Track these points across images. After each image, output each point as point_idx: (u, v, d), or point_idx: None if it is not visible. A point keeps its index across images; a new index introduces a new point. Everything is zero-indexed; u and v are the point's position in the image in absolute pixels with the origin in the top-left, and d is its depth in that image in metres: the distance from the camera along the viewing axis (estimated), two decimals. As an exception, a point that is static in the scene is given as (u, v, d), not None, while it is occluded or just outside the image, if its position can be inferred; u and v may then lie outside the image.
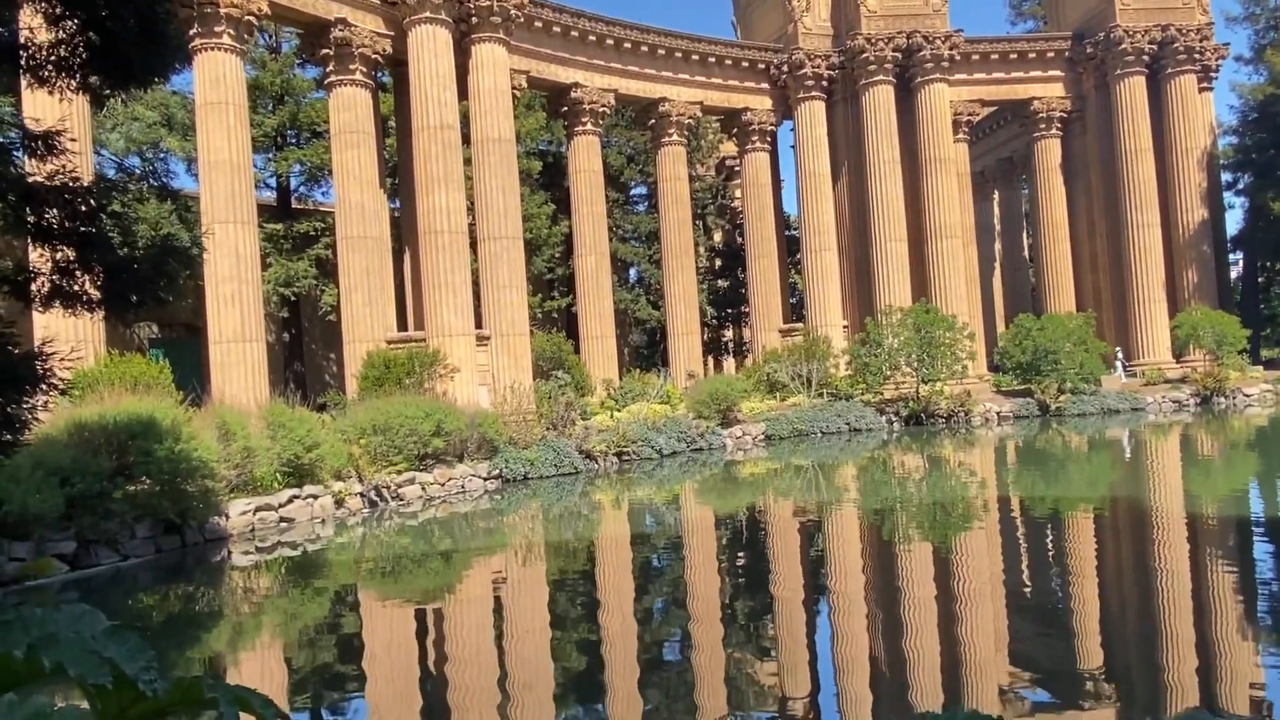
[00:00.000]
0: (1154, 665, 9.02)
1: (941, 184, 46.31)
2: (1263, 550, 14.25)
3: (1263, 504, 18.99)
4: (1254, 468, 24.48)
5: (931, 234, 46.33)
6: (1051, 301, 50.00)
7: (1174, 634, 9.88)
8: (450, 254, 33.08)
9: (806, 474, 27.50)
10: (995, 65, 50.07)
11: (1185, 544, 15.08)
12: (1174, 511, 18.70)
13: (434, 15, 33.33)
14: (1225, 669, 8.72)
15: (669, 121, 45.60)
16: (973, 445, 33.22)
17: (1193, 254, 47.50)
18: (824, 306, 47.00)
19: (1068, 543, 15.79)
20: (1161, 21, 47.35)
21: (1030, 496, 20.88)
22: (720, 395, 35.65)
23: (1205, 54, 48.21)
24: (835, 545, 17.02)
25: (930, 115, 46.50)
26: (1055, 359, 39.80)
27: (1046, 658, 9.30)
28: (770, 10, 49.84)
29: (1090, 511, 18.68)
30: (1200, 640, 9.52)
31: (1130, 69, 47.54)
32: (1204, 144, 48.43)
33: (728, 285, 59.11)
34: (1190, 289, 47.13)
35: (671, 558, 16.54)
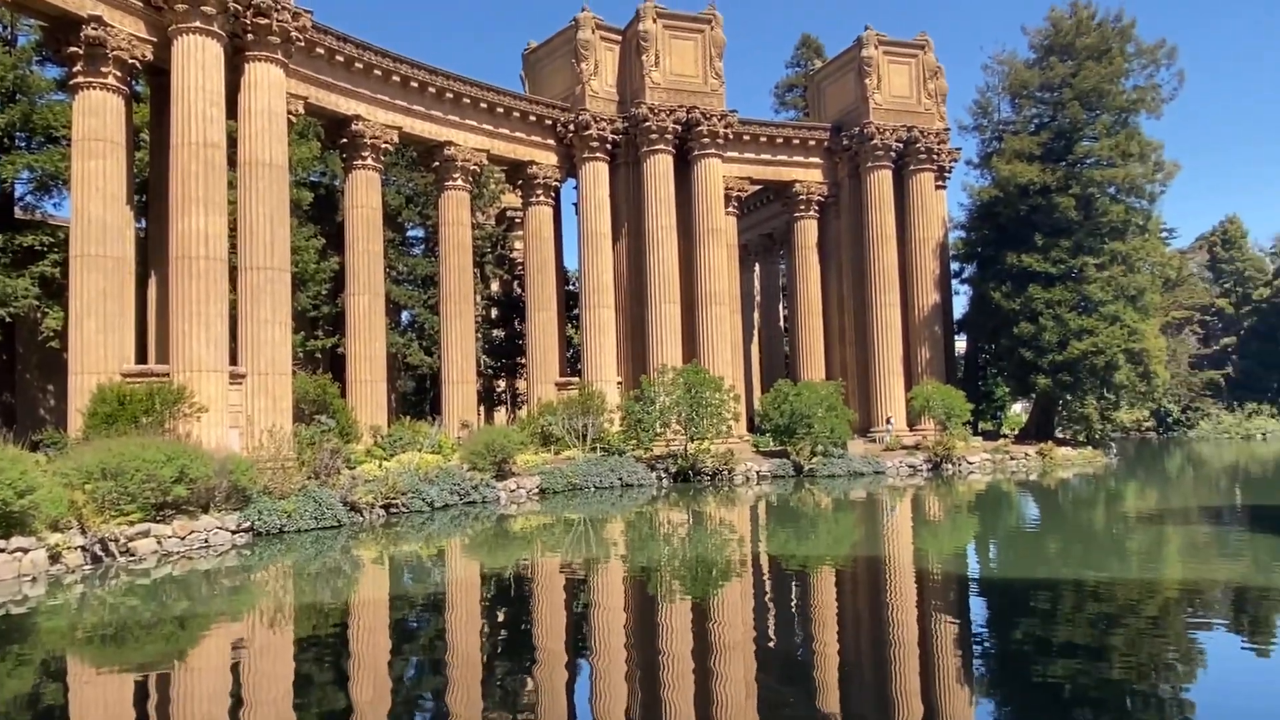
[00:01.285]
0: (885, 714, 9.62)
1: (713, 253, 48.84)
2: (978, 605, 15.79)
3: (978, 563, 21.11)
4: (974, 529, 27.19)
5: (703, 300, 48.59)
6: (804, 370, 53.69)
7: (903, 682, 10.65)
8: (206, 282, 30.59)
9: (578, 529, 27.51)
10: (764, 147, 53.87)
11: (914, 598, 16.43)
12: (906, 568, 20.33)
13: (205, 26, 31.20)
14: (946, 713, 9.47)
15: (454, 166, 45.16)
16: (734, 503, 34.69)
17: (927, 333, 52.82)
18: (600, 362, 47.82)
19: (813, 597, 16.71)
20: (907, 123, 53.00)
21: (783, 554, 21.99)
22: (496, 446, 35.09)
23: (942, 156, 54.39)
24: (600, 601, 17.02)
25: (705, 188, 49.11)
26: (809, 423, 42.60)
27: (790, 708, 9.69)
28: (559, 70, 50.98)
29: (835, 568, 19.91)
30: (924, 688, 10.32)
31: (879, 163, 52.71)
32: (938, 235, 54.35)
33: (504, 335, 58.83)
34: (924, 365, 52.27)
35: (433, 618, 15.86)
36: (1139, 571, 18.31)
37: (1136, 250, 50.48)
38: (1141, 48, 50.85)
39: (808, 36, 78.47)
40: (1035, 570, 18.79)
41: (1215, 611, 14.64)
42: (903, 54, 54.55)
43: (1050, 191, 49.20)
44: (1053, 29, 51.89)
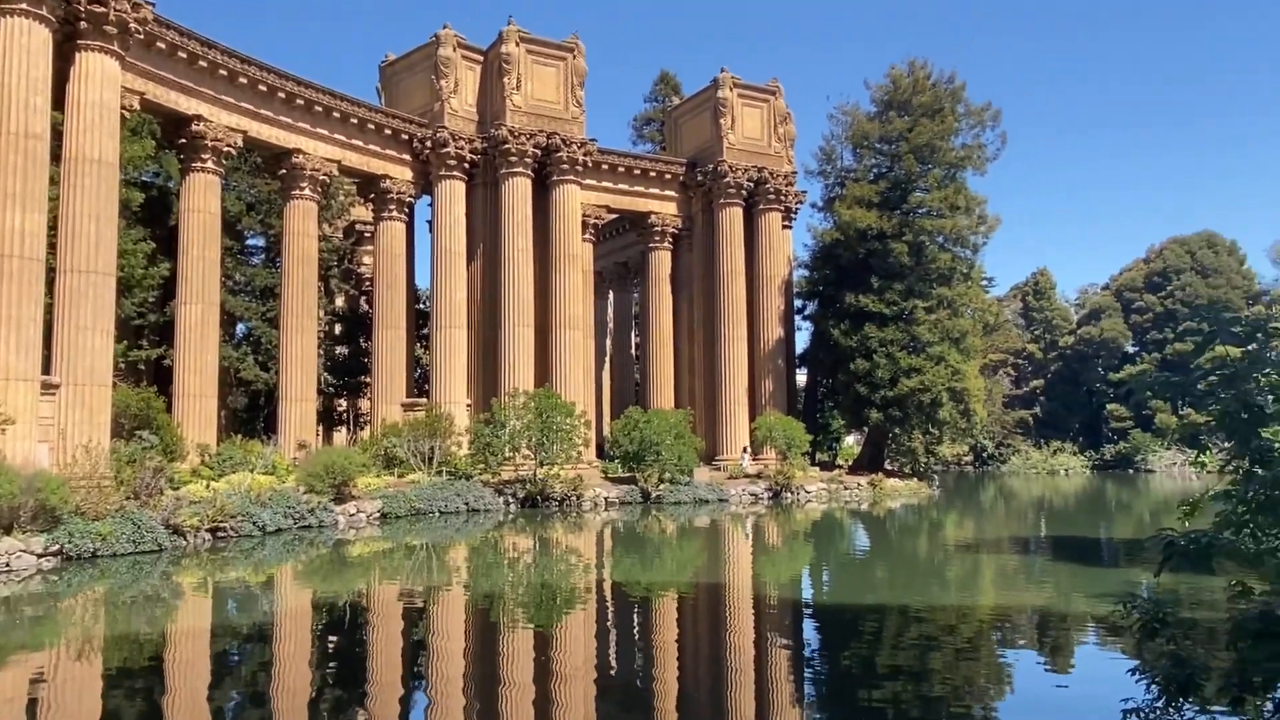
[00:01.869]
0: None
1: (569, 279, 49.05)
2: (811, 629, 16.46)
3: (813, 589, 22.00)
4: (810, 556, 28.30)
5: (557, 324, 48.66)
6: (654, 397, 54.56)
7: (738, 707, 10.96)
8: (19, 283, 28.09)
9: (419, 555, 26.81)
10: (622, 177, 54.74)
11: (752, 624, 16.94)
12: (745, 594, 20.94)
13: (33, 9, 28.86)
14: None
15: (303, 175, 43.54)
16: (582, 529, 34.71)
17: (771, 366, 54.79)
18: (450, 384, 46.97)
19: (655, 624, 16.94)
20: (758, 164, 55.13)
21: (628, 581, 22.18)
22: (336, 468, 33.72)
23: (789, 197, 56.85)
24: (439, 629, 16.65)
25: (563, 213, 49.36)
26: (658, 450, 43.25)
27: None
28: (418, 85, 50.16)
29: (677, 594, 20.26)
30: (758, 712, 10.66)
31: (732, 200, 54.54)
32: (784, 273, 56.64)
33: (349, 353, 56.87)
34: (767, 396, 54.14)
35: (259, 648, 15.07)
36: (956, 597, 19.55)
37: (961, 296, 54.29)
38: (970, 109, 55.04)
39: (666, 73, 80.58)
40: (864, 596, 19.76)
41: (1021, 635, 15.83)
42: (756, 98, 56.82)
43: (886, 237, 52.28)
44: (892, 86, 55.38)
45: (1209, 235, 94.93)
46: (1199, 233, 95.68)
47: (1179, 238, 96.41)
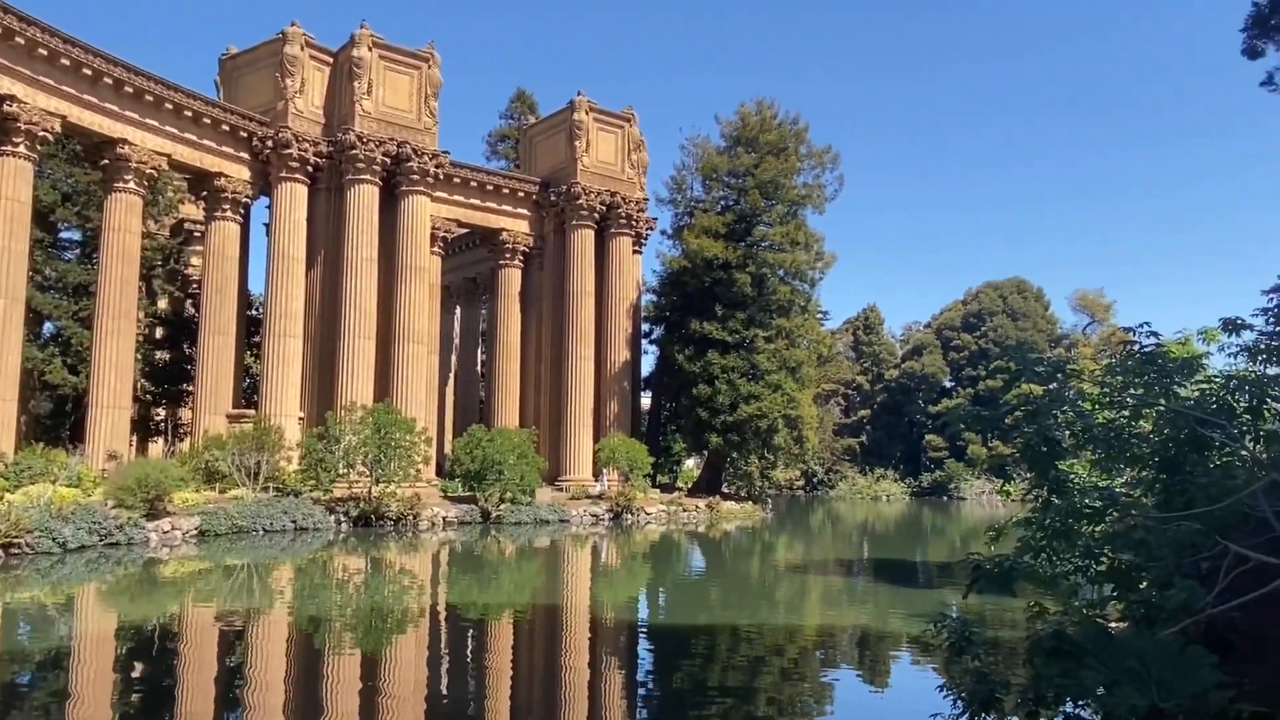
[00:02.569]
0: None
1: (415, 291, 47.93)
2: (646, 650, 16.64)
3: (648, 610, 22.27)
4: (647, 578, 28.63)
5: (400, 337, 47.38)
6: (499, 416, 53.96)
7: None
8: None
9: (239, 576, 25.32)
10: (474, 192, 54.16)
11: (588, 645, 16.96)
12: (582, 616, 20.94)
13: None
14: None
15: (128, 167, 40.68)
16: (417, 549, 33.77)
17: (617, 388, 55.33)
18: (281, 395, 44.81)
19: (490, 646, 16.69)
20: (612, 188, 55.84)
21: (463, 602, 21.74)
22: (150, 482, 31.38)
23: (640, 223, 57.83)
24: (257, 656, 15.77)
25: (411, 224, 48.26)
26: (501, 470, 42.70)
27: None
28: (261, 82, 47.95)
29: (514, 616, 20.04)
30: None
31: (584, 222, 54.92)
32: (633, 297, 57.46)
33: (170, 359, 53.31)
34: (612, 418, 54.60)
35: (53, 677, 13.79)
36: (784, 617, 20.27)
37: (798, 327, 56.70)
38: (812, 150, 57.81)
39: (523, 92, 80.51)
40: (698, 617, 20.17)
41: (843, 653, 16.58)
42: (611, 123, 57.63)
43: (731, 267, 54.01)
44: (741, 122, 57.48)
45: (1019, 281, 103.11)
46: (1010, 278, 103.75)
47: (993, 282, 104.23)
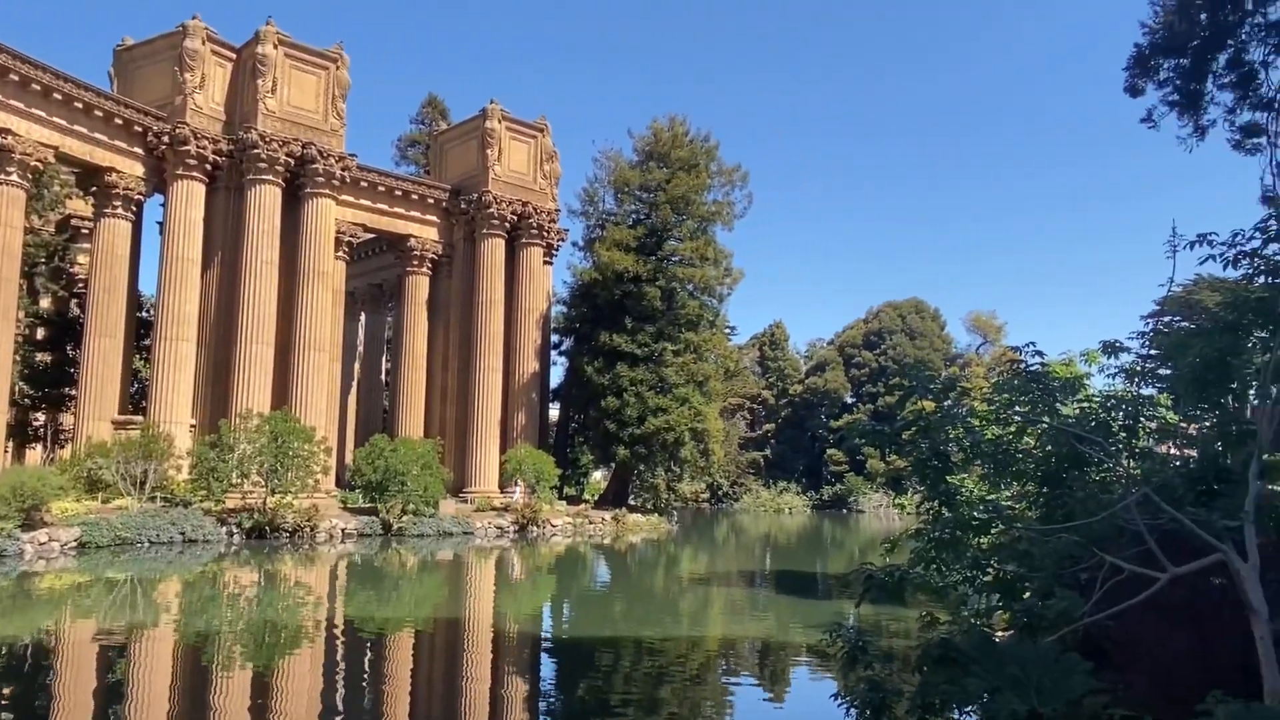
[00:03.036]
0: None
1: (318, 297, 46.68)
2: (549, 664, 16.53)
3: (552, 623, 22.14)
4: (552, 591, 28.46)
5: (301, 344, 46.04)
6: (403, 426, 52.91)
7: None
8: None
9: (122, 590, 24.11)
10: (382, 197, 53.15)
11: (490, 660, 16.74)
12: (484, 630, 20.67)
13: None
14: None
15: (10, 158, 38.52)
16: (313, 562, 32.77)
17: (525, 399, 54.94)
18: (172, 401, 42.95)
19: (389, 662, 16.31)
20: (523, 198, 55.58)
21: (361, 617, 21.19)
22: (25, 490, 29.62)
23: (551, 234, 57.71)
24: (139, 674, 15.04)
25: (315, 228, 47.04)
26: (403, 481, 41.83)
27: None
28: (158, 75, 46.07)
29: (414, 631, 19.64)
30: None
31: (494, 231, 54.50)
32: (543, 308, 57.23)
33: (52, 361, 50.55)
34: (519, 429, 54.16)
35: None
36: (688, 629, 20.42)
37: (706, 342, 57.39)
38: (722, 168, 58.75)
39: (434, 97, 79.55)
40: (603, 629, 20.14)
41: (744, 664, 16.80)
42: (524, 133, 57.41)
43: (641, 281, 54.35)
44: (653, 138, 58.01)
45: (917, 302, 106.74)
46: (909, 299, 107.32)
47: (893, 302, 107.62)
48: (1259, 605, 5.66)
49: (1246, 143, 25.14)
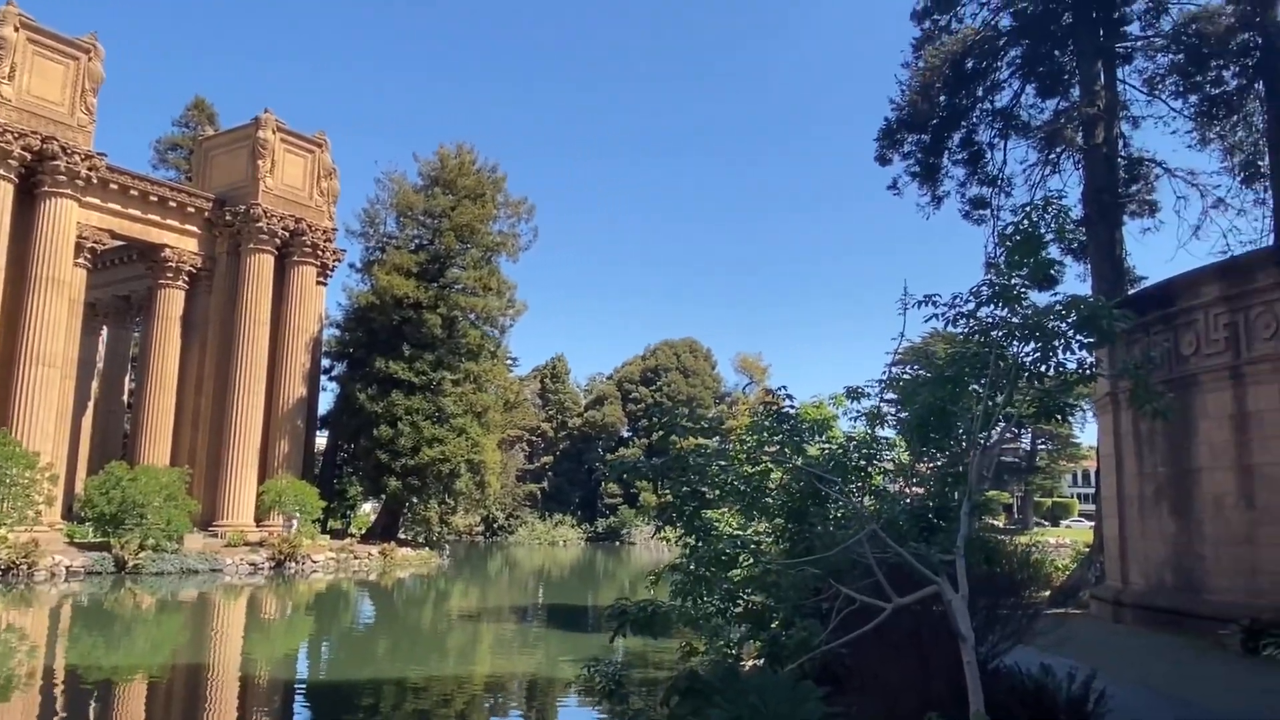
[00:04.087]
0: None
1: (50, 306, 41.93)
2: (302, 710, 15.56)
3: (308, 666, 20.88)
4: (308, 631, 26.85)
5: (27, 358, 41.08)
6: (146, 452, 48.26)
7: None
8: None
9: None
10: (135, 201, 48.70)
11: (235, 709, 15.51)
12: (229, 676, 19.15)
13: None
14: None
15: None
16: (31, 604, 29.08)
17: (288, 426, 51.85)
18: None
19: (117, 715, 14.74)
20: (296, 214, 52.85)
21: (86, 664, 19.03)
22: None
23: (326, 253, 55.22)
24: None
25: (52, 231, 42.36)
26: (143, 513, 38.08)
27: None
28: None
29: (146, 679, 17.87)
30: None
31: (263, 247, 51.38)
32: (314, 330, 54.48)
33: None
34: (281, 458, 50.98)
35: None
36: (455, 667, 19.95)
37: (487, 372, 56.81)
38: (509, 200, 58.82)
39: (202, 100, 74.29)
40: (362, 670, 19.24)
41: (512, 701, 16.61)
42: (301, 146, 54.76)
43: (422, 307, 53.07)
44: (440, 164, 57.18)
45: (691, 342, 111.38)
46: (685, 338, 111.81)
47: (670, 341, 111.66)
48: (966, 633, 6.34)
49: (974, 213, 28.47)
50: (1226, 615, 12.98)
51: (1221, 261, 15.92)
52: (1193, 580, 14.56)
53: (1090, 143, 24.95)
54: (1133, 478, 16.43)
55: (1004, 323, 7.80)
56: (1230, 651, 12.22)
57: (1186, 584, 14.70)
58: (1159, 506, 15.50)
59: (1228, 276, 14.38)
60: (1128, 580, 16.60)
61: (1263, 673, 11.03)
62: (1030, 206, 7.77)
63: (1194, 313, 14.74)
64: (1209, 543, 14.24)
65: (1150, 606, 15.35)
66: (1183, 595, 14.67)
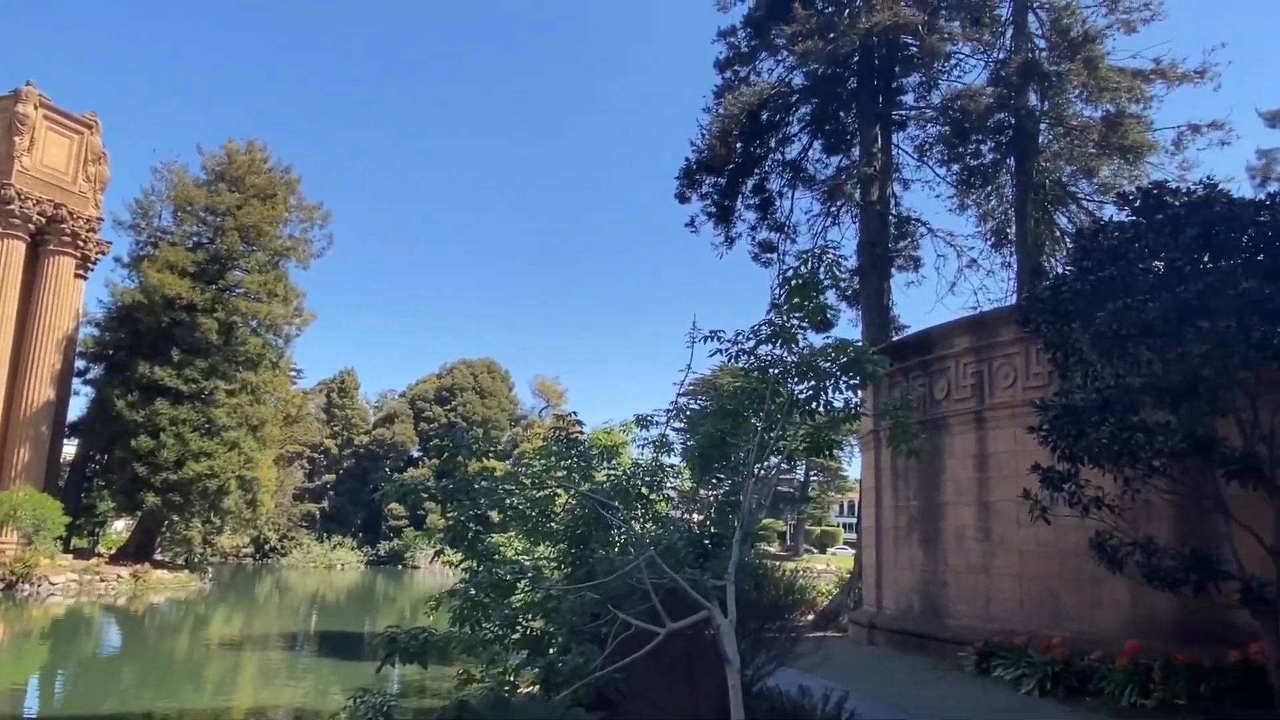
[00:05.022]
0: None
1: None
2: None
3: (39, 700, 18.70)
4: (41, 661, 24.05)
5: None
6: None
7: None
8: None
9: None
10: None
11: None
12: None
13: None
14: None
15: None
16: None
17: (32, 433, 46.51)
18: None
19: None
20: (57, 199, 47.82)
21: None
22: None
23: (89, 244, 50.26)
24: None
25: None
26: None
27: None
28: None
29: None
30: None
31: (14, 232, 46.06)
32: (68, 328, 49.30)
33: None
34: (20, 468, 45.60)
35: None
36: (212, 699, 18.51)
37: (267, 383, 53.44)
38: (303, 204, 55.98)
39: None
40: (104, 703, 17.48)
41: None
42: (68, 126, 49.60)
43: (197, 310, 49.24)
44: (227, 159, 53.62)
45: (490, 362, 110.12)
46: (483, 359, 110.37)
47: (468, 360, 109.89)
48: (732, 657, 6.63)
49: (763, 256, 30.13)
50: (965, 639, 14.30)
51: (971, 316, 17.68)
52: (937, 606, 15.95)
53: (866, 199, 27.11)
54: (889, 510, 17.85)
55: (780, 361, 8.30)
56: (966, 672, 13.47)
57: (931, 609, 16.09)
58: (911, 537, 16.91)
59: (976, 330, 16.01)
60: (881, 605, 17.95)
61: (991, 691, 12.25)
62: (808, 254, 8.34)
63: (947, 361, 16.29)
64: (951, 571, 15.68)
65: (900, 630, 16.66)
66: (928, 620, 16.04)
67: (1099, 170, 27.17)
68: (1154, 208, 10.54)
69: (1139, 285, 9.82)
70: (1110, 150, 25.92)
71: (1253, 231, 9.83)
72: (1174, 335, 9.44)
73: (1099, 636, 12.46)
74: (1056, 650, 12.21)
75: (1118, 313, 9.75)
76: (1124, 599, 12.39)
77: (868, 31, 24.37)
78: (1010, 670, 12.60)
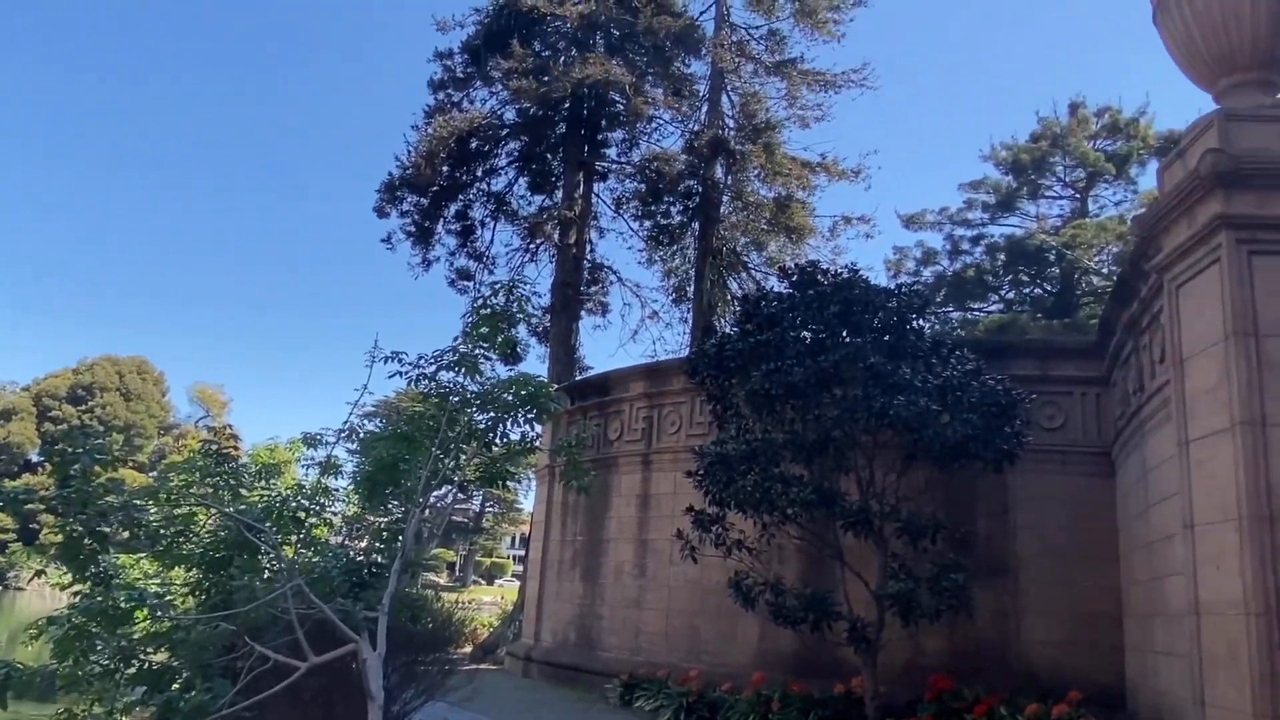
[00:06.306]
0: None
1: None
2: None
3: None
4: None
5: None
6: None
7: None
8: None
9: None
10: None
11: None
12: None
13: None
14: None
15: None
16: None
17: None
18: None
19: None
20: None
21: None
22: None
23: None
24: None
25: None
26: None
27: None
28: None
29: None
30: None
31: None
32: None
33: None
34: None
35: None
36: None
37: None
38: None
39: None
40: None
41: None
42: None
43: None
44: None
45: (141, 361, 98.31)
46: (134, 356, 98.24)
47: (113, 357, 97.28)
48: (376, 692, 6.38)
49: (459, 283, 29.90)
50: (614, 670, 14.88)
51: (648, 364, 18.75)
52: (591, 638, 16.49)
53: (564, 241, 27.94)
54: (557, 543, 18.26)
55: (462, 390, 8.23)
56: (611, 704, 14.00)
57: (586, 641, 16.59)
58: (574, 570, 17.39)
59: (650, 377, 16.97)
60: (539, 638, 18.23)
61: (629, 720, 12.84)
62: (502, 285, 8.40)
63: (623, 404, 17.10)
64: (608, 604, 16.31)
65: (555, 663, 16.99)
66: (582, 652, 16.51)
67: (768, 244, 30.10)
68: (807, 283, 11.90)
69: (789, 351, 10.99)
70: (778, 228, 28.84)
71: (882, 314, 11.42)
72: (813, 398, 10.66)
73: (732, 669, 13.52)
74: (693, 682, 13.08)
75: (769, 374, 10.83)
76: (754, 634, 13.58)
77: (580, 82, 25.27)
78: (651, 701, 13.29)
